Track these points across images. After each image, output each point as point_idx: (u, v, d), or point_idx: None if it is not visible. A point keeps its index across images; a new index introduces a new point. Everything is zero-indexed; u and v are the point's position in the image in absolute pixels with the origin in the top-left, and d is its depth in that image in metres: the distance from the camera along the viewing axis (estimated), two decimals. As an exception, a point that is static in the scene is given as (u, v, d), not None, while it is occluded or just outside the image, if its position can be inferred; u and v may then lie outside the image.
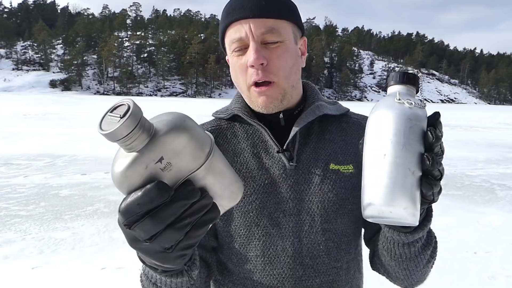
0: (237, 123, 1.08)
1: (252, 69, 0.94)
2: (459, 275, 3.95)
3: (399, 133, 0.65)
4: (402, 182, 0.64)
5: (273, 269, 0.97)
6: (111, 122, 0.51)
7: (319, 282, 0.98)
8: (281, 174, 0.99)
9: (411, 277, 0.95)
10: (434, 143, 0.65)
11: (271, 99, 0.97)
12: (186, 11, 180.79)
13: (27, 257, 4.16)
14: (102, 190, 6.80)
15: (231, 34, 0.96)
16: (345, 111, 1.11)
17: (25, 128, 15.58)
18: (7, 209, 5.67)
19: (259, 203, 0.97)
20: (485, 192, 7.47)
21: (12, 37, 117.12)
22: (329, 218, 0.98)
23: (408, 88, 0.71)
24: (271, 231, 0.97)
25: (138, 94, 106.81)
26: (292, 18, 0.99)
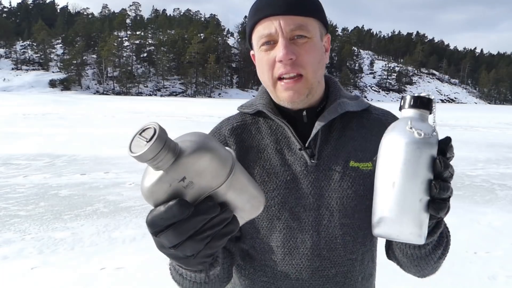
0: (261, 118, 1.12)
1: (280, 63, 0.96)
2: (459, 275, 3.94)
3: (408, 163, 0.68)
4: (409, 210, 0.69)
5: (292, 259, 1.03)
6: (139, 145, 0.56)
7: (335, 272, 1.04)
8: (303, 170, 1.03)
9: (422, 271, 1.02)
10: (443, 171, 0.70)
11: (298, 94, 0.99)
12: (185, 11, 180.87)
13: (27, 257, 4.14)
14: (102, 190, 6.78)
15: (260, 30, 0.99)
16: (367, 107, 1.14)
17: (25, 128, 15.56)
18: (7, 209, 5.65)
19: (281, 198, 1.02)
20: (485, 192, 7.47)
21: (12, 37, 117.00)
22: (347, 214, 1.02)
23: (421, 113, 0.73)
24: (291, 224, 1.02)
25: (138, 94, 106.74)
26: (318, 16, 1.02)
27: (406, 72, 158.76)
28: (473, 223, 5.60)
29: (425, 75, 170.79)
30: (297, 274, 1.03)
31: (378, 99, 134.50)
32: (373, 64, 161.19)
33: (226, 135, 1.10)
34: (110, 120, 21.02)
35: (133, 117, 23.35)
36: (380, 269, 1.23)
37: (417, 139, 0.69)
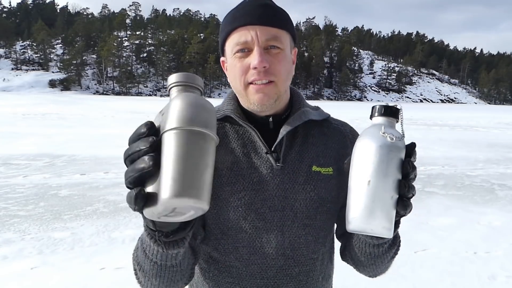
0: (228, 123, 1.16)
1: (254, 70, 1.02)
2: (459, 275, 3.95)
3: (382, 164, 0.76)
4: (382, 206, 0.76)
5: (257, 258, 1.07)
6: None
7: (298, 271, 1.09)
8: (269, 173, 1.08)
9: (376, 269, 1.08)
10: (410, 172, 0.78)
11: (268, 97, 1.04)
12: (185, 11, 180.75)
13: (26, 257, 4.15)
14: (102, 190, 6.78)
15: (236, 37, 1.04)
16: (327, 117, 1.23)
17: (24, 128, 15.55)
18: (6, 209, 5.65)
19: (247, 199, 1.06)
20: (485, 192, 7.47)
21: (11, 37, 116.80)
22: (310, 215, 1.08)
23: (390, 120, 0.81)
24: (257, 224, 1.06)
25: (138, 94, 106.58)
26: (290, 30, 1.09)
27: (406, 72, 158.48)
28: (473, 223, 5.60)
29: (425, 75, 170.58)
30: (262, 273, 1.08)
31: (378, 99, 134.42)
32: (373, 64, 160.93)
33: None
34: (110, 120, 21.03)
35: (133, 117, 23.35)
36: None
37: (389, 142, 0.76)
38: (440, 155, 12.07)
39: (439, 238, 4.92)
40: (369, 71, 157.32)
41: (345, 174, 1.09)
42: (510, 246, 4.77)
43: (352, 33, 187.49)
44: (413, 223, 5.39)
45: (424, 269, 4.05)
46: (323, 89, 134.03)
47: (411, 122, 26.81)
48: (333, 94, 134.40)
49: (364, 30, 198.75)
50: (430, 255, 4.41)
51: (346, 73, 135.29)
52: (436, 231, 5.20)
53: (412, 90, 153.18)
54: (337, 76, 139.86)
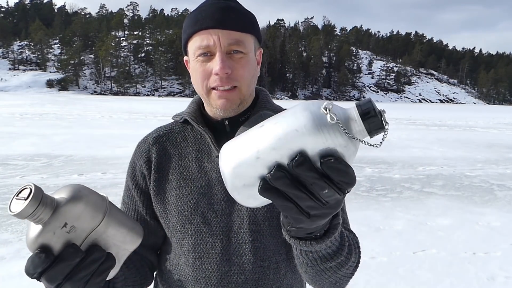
0: (189, 126, 1.18)
1: (216, 76, 1.00)
2: (457, 276, 3.94)
3: (286, 127, 0.59)
4: (243, 152, 0.62)
5: (202, 263, 1.06)
6: (18, 204, 0.64)
7: (244, 279, 1.05)
8: (218, 177, 1.07)
9: (318, 284, 0.93)
10: (290, 165, 0.59)
11: (231, 102, 1.04)
12: (183, 11, 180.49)
13: (24, 258, 4.11)
14: (99, 191, 6.57)
15: (198, 41, 1.02)
16: None
17: (22, 128, 15.52)
18: (4, 210, 5.63)
19: (193, 203, 1.06)
20: (484, 193, 7.47)
21: (9, 37, 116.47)
22: (257, 220, 1.05)
23: (352, 114, 0.61)
24: (202, 229, 1.05)
25: (135, 94, 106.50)
26: (254, 32, 1.08)
27: (404, 72, 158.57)
28: (472, 223, 5.60)
29: (424, 75, 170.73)
30: (206, 278, 1.06)
31: (376, 99, 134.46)
32: (371, 64, 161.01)
33: (150, 143, 1.17)
34: (107, 120, 21.00)
35: (131, 117, 23.33)
36: (378, 269, 1.23)
37: (317, 117, 0.58)
38: (439, 155, 12.08)
39: (438, 239, 4.91)
40: (368, 71, 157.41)
41: None
42: (509, 247, 4.77)
43: (351, 33, 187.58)
44: (412, 223, 5.39)
45: (423, 270, 4.04)
46: (322, 89, 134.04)
47: (410, 122, 26.85)
48: (331, 94, 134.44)
49: (363, 30, 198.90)
50: (429, 255, 4.40)
51: (345, 73, 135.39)
52: (435, 231, 5.19)
53: (411, 90, 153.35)
54: (335, 76, 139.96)
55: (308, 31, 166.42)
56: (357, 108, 0.60)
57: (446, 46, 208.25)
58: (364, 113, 0.59)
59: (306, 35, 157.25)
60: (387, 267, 4.03)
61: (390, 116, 32.42)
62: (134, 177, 1.17)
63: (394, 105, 78.36)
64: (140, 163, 1.15)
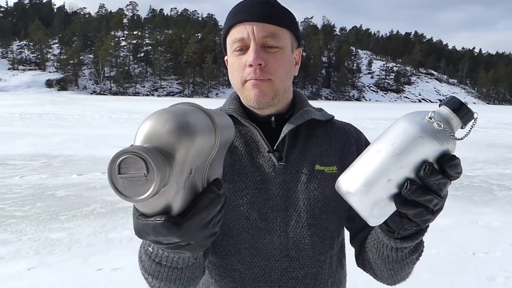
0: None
1: (250, 68, 1.01)
2: (457, 276, 3.94)
3: (403, 144, 0.66)
4: (372, 182, 0.67)
5: (260, 260, 1.03)
6: (136, 184, 0.47)
7: (303, 273, 1.05)
8: (271, 172, 1.06)
9: (395, 276, 1.01)
10: (422, 177, 0.67)
11: (263, 93, 1.03)
12: (183, 10, 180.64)
13: (23, 257, 4.13)
14: (99, 191, 6.76)
15: (234, 34, 1.03)
16: (331, 118, 1.20)
17: (21, 128, 15.51)
18: (3, 210, 5.63)
19: (250, 198, 1.04)
20: (484, 193, 7.47)
21: (8, 37, 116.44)
22: (314, 214, 1.05)
23: (452, 116, 0.68)
24: (259, 225, 1.03)
25: (135, 94, 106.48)
26: (291, 28, 1.07)
27: (404, 72, 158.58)
28: (471, 223, 5.60)
29: (424, 75, 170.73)
30: (265, 276, 1.03)
31: (376, 99, 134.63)
32: (371, 64, 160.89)
33: None
34: (107, 120, 20.99)
35: (130, 117, 23.32)
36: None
37: (429, 130, 0.65)
38: (438, 155, 12.05)
39: (438, 239, 4.90)
40: (368, 71, 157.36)
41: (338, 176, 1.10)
42: (509, 247, 4.77)
43: (351, 32, 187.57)
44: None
45: (422, 270, 4.03)
46: (321, 89, 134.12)
47: (409, 122, 26.80)
48: (331, 94, 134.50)
49: (363, 30, 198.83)
50: (429, 255, 4.39)
51: (344, 73, 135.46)
52: (435, 231, 5.18)
53: (410, 90, 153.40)
54: (335, 76, 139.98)
55: (307, 30, 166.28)
56: (446, 106, 0.69)
57: (446, 46, 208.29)
58: (455, 108, 0.68)
59: (306, 35, 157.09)
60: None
61: (390, 116, 32.39)
62: None
63: (393, 105, 78.33)
64: None
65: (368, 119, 28.02)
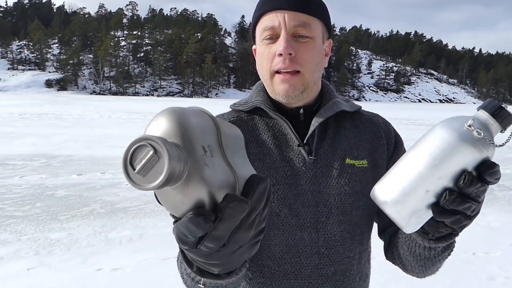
0: (257, 116, 1.11)
1: (280, 57, 0.97)
2: (457, 276, 3.93)
3: (442, 154, 0.64)
4: (410, 193, 0.66)
5: (290, 257, 1.01)
6: (152, 168, 0.44)
7: (333, 270, 1.03)
8: (301, 167, 1.03)
9: (426, 271, 1.01)
10: (461, 187, 0.65)
11: (293, 88, 1.00)
12: (182, 10, 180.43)
13: (23, 258, 4.13)
14: (98, 191, 6.75)
15: (264, 22, 1.00)
16: (358, 108, 1.17)
17: (21, 128, 15.50)
18: (3, 210, 5.63)
19: (281, 193, 1.01)
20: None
21: (8, 37, 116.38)
22: (345, 210, 1.03)
23: (491, 122, 0.66)
24: (290, 221, 1.01)
25: (135, 94, 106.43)
26: (323, 18, 1.04)
27: (404, 72, 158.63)
28: (471, 223, 5.58)
29: (424, 75, 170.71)
30: (296, 272, 1.02)
31: (376, 99, 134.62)
32: (371, 64, 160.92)
33: None
34: (106, 120, 20.98)
35: (130, 117, 23.32)
36: (377, 270, 1.23)
37: (469, 139, 0.63)
38: (438, 155, 12.07)
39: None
40: (367, 71, 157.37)
41: (381, 167, 1.11)
42: (509, 247, 4.77)
43: (350, 32, 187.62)
44: (412, 223, 5.38)
45: (423, 270, 4.03)
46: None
47: (410, 122, 26.82)
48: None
49: (362, 30, 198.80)
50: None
51: (344, 73, 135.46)
52: (434, 231, 5.18)
53: (410, 90, 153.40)
54: (335, 76, 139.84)
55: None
56: (485, 110, 0.66)
57: (446, 46, 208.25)
58: (493, 113, 0.66)
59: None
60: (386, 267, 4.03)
61: (390, 116, 32.42)
62: None
63: (393, 105, 78.37)
64: None
65: (368, 119, 27.97)
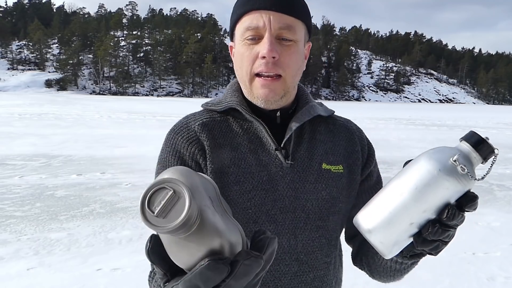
0: (231, 117, 1.07)
1: (262, 60, 0.95)
2: (457, 276, 3.94)
3: (426, 188, 0.67)
4: (395, 224, 0.69)
5: (270, 265, 0.97)
6: (171, 208, 0.45)
7: (312, 276, 1.02)
8: (278, 171, 1.00)
9: (393, 280, 1.04)
10: (444, 220, 0.68)
11: (274, 93, 0.98)
12: (182, 10, 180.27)
13: (23, 258, 4.13)
14: (98, 191, 6.75)
15: (247, 21, 0.96)
16: (332, 113, 1.16)
17: (21, 128, 15.49)
18: (3, 210, 5.62)
19: (258, 199, 0.98)
20: (484, 193, 7.46)
21: (7, 37, 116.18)
22: (322, 216, 1.01)
23: (474, 155, 0.70)
24: (268, 227, 0.97)
25: (134, 94, 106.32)
26: (306, 21, 1.02)
27: (404, 72, 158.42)
28: (471, 223, 5.59)
29: (423, 75, 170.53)
30: (275, 281, 0.99)
31: (376, 99, 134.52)
32: (371, 64, 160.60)
33: (196, 130, 1.03)
34: (106, 120, 20.97)
35: (130, 117, 23.30)
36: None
37: (453, 174, 0.66)
38: (437, 155, 12.05)
39: (438, 239, 4.90)
40: (367, 71, 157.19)
41: (356, 173, 1.09)
42: (509, 247, 4.77)
43: (350, 32, 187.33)
44: (412, 223, 5.38)
45: (422, 270, 4.03)
46: (321, 89, 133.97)
47: (410, 122, 26.84)
48: (331, 94, 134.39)
49: (362, 30, 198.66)
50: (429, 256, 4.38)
51: (344, 73, 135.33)
52: (434, 231, 5.18)
53: (410, 90, 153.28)
54: (335, 76, 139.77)
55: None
56: (468, 143, 0.70)
57: (446, 46, 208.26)
58: (476, 146, 0.69)
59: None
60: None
61: (389, 116, 32.43)
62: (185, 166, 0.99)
63: (393, 105, 78.32)
64: (192, 151, 1.01)
65: (368, 119, 27.99)
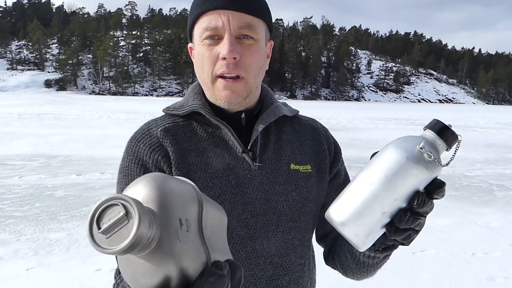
0: (194, 121, 1.04)
1: (223, 61, 0.93)
2: (457, 276, 3.93)
3: (395, 176, 0.67)
4: (367, 215, 0.69)
5: (244, 271, 0.96)
6: (119, 230, 0.42)
7: (288, 280, 1.00)
8: (247, 174, 0.98)
9: (366, 276, 1.05)
10: (415, 207, 0.68)
11: (236, 94, 0.96)
12: (182, 10, 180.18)
13: (22, 258, 4.12)
14: (97, 191, 6.74)
15: (206, 21, 0.94)
16: (297, 113, 1.15)
17: (20, 128, 15.49)
18: (2, 210, 5.62)
19: (227, 204, 0.95)
20: (484, 193, 7.47)
21: (7, 37, 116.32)
22: (294, 217, 1.00)
23: (439, 142, 0.71)
24: (240, 232, 0.96)
25: (134, 94, 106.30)
26: (267, 19, 1.00)
27: (403, 72, 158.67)
28: (471, 224, 5.59)
29: (423, 75, 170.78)
30: (251, 286, 0.97)
31: (375, 99, 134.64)
32: (370, 64, 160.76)
33: (159, 136, 1.00)
34: (106, 120, 20.97)
35: (129, 117, 23.30)
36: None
37: (421, 161, 0.67)
38: (437, 155, 12.06)
39: (437, 239, 4.90)
40: (367, 71, 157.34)
41: (324, 172, 1.10)
42: (509, 247, 4.76)
43: (350, 32, 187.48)
44: (411, 223, 5.38)
45: (422, 270, 4.03)
46: (321, 89, 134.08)
47: (409, 122, 26.85)
48: (330, 94, 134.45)
49: (362, 30, 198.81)
50: (428, 256, 4.39)
51: (344, 73, 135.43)
52: (434, 232, 5.18)
53: (410, 90, 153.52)
54: (334, 76, 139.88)
55: (307, 31, 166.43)
56: (432, 130, 0.71)
57: (445, 46, 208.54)
58: (440, 133, 0.70)
59: (305, 35, 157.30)
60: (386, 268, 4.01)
61: (389, 116, 32.44)
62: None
63: (393, 105, 78.35)
64: (155, 158, 0.97)
65: (367, 119, 28.01)
